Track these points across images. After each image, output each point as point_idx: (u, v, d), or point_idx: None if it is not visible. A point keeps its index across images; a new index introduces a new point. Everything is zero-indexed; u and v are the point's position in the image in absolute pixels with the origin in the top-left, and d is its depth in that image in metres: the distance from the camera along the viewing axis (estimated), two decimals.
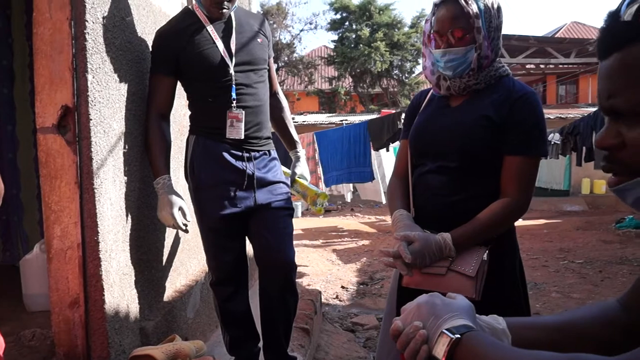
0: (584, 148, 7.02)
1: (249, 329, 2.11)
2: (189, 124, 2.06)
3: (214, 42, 1.93)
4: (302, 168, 2.25)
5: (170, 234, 2.25)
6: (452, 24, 1.46)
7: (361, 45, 19.82)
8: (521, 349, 0.72)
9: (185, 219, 1.92)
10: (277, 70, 21.25)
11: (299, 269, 5.36)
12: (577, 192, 12.48)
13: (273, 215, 2.01)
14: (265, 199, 2.00)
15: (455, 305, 0.83)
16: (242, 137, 1.93)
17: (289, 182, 2.16)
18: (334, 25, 21.22)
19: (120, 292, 1.78)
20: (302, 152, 2.32)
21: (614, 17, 0.68)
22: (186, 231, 1.95)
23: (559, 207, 11.29)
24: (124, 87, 1.88)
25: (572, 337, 0.89)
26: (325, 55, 22.30)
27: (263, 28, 2.11)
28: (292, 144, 2.28)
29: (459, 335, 0.74)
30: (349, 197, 8.19)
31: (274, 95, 2.22)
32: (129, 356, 1.74)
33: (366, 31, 19.89)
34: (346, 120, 13.81)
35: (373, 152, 6.69)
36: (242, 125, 1.93)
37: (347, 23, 21.02)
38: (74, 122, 1.68)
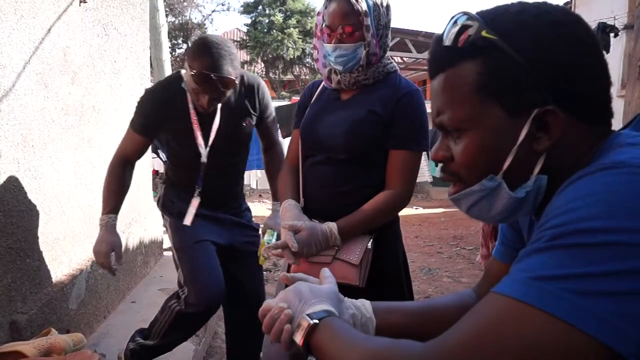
0: None
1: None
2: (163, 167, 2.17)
3: (192, 131, 1.92)
4: (272, 221, 2.04)
5: (50, 220, 2.09)
6: (343, 20, 1.49)
7: (274, 30, 19.65)
8: (364, 335, 0.75)
9: (118, 263, 1.89)
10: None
11: None
12: None
13: (249, 259, 2.09)
14: (240, 241, 2.12)
15: (320, 290, 0.85)
16: (189, 223, 1.98)
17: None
18: (247, 9, 20.82)
19: None
20: (277, 205, 2.17)
21: (437, 41, 0.74)
22: (113, 274, 1.92)
23: None
24: None
25: (432, 321, 0.95)
26: (238, 39, 21.85)
27: (255, 102, 2.05)
28: (275, 197, 2.15)
29: (317, 321, 0.75)
30: (254, 184, 8.15)
31: (268, 149, 2.19)
32: None
33: (279, 17, 19.74)
34: None
35: (280, 139, 6.67)
36: (194, 212, 1.99)
37: (260, 7, 20.72)
38: None
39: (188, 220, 1.95)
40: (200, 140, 1.93)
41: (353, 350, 0.68)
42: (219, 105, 1.92)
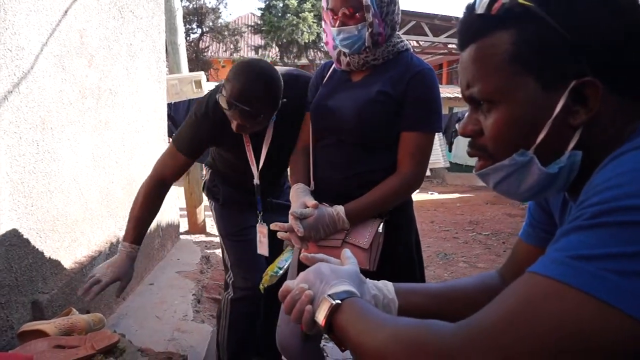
0: None
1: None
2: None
3: (244, 150, 1.84)
4: None
5: (69, 202, 2.11)
6: (343, 2, 1.46)
7: (289, 14, 19.49)
8: (389, 315, 0.73)
9: (117, 295, 1.78)
10: (202, 35, 20.48)
11: (206, 239, 5.28)
12: None
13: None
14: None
15: (341, 271, 0.84)
16: (267, 254, 1.90)
17: None
18: None
19: (6, 264, 1.65)
20: None
21: (469, 10, 0.70)
22: (86, 296, 1.66)
23: (472, 182, 11.87)
24: (10, 41, 1.71)
25: (454, 302, 0.94)
26: (252, 23, 21.73)
27: (301, 106, 1.73)
28: None
29: (339, 301, 0.74)
30: None
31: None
32: (17, 332, 1.62)
33: (294, 1, 19.56)
34: None
35: None
36: (267, 241, 1.90)
37: None
38: None
39: (263, 250, 1.90)
40: (253, 162, 1.85)
41: (378, 330, 0.66)
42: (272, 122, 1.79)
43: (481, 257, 5.14)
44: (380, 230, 1.48)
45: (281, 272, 1.59)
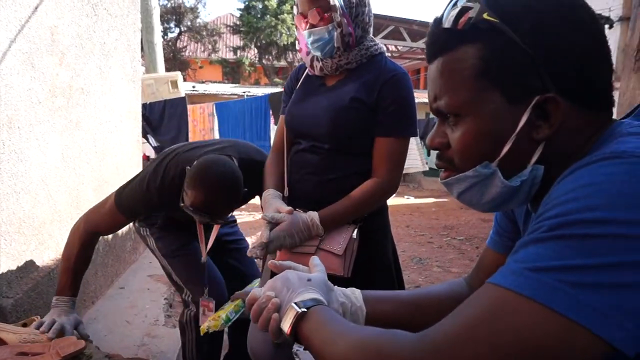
0: None
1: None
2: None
3: (194, 223, 1.76)
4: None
5: (37, 204, 2.06)
6: (311, 4, 1.46)
7: (268, 16, 19.46)
8: (353, 324, 0.73)
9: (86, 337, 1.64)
10: (179, 34, 20.27)
11: None
12: None
13: (237, 248, 2.09)
14: (221, 233, 2.01)
15: (308, 278, 0.84)
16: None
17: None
18: None
19: None
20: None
21: (436, 23, 0.71)
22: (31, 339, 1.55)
23: None
24: None
25: (423, 310, 0.94)
26: (231, 24, 21.62)
27: (258, 188, 1.71)
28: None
29: (305, 309, 0.74)
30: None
31: None
32: None
33: (273, 2, 19.54)
34: (249, 92, 13.55)
35: (272, 126, 6.64)
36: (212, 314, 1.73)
37: None
38: None
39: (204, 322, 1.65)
40: (202, 242, 1.84)
41: (341, 339, 0.66)
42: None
43: (455, 261, 5.20)
44: (355, 236, 1.48)
45: (230, 323, 1.46)
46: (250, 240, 6.15)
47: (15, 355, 1.45)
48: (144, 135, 4.00)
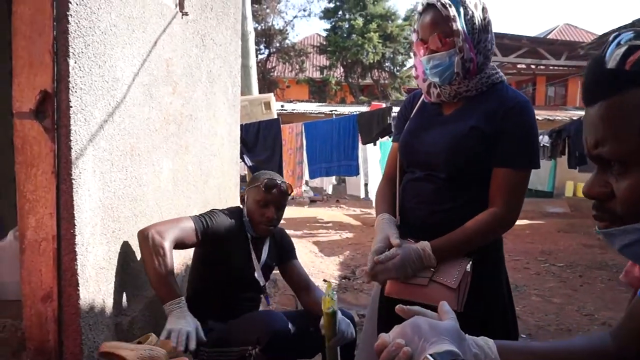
0: (576, 152, 7.08)
1: None
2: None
3: (251, 259, 2.10)
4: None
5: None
6: (432, 30, 1.43)
7: (354, 35, 19.70)
8: None
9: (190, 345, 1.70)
10: (269, 56, 21.03)
11: None
12: (561, 194, 12.60)
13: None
14: None
15: (440, 327, 0.80)
16: None
17: None
18: (327, 14, 21.04)
19: (96, 286, 1.72)
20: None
21: (598, 63, 0.64)
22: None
23: (542, 208, 11.37)
24: (107, 73, 1.80)
25: None
26: (318, 44, 22.11)
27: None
28: None
29: None
30: (330, 189, 8.16)
31: (306, 289, 2.26)
32: (99, 349, 1.67)
33: (360, 21, 19.76)
34: (336, 110, 13.74)
35: (360, 146, 6.65)
36: None
37: (340, 12, 20.86)
38: (53, 109, 1.60)
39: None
40: (258, 268, 2.10)
41: None
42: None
43: (555, 290, 4.86)
44: (469, 270, 1.42)
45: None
46: (337, 259, 6.15)
47: None
48: (240, 156, 4.14)
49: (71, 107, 1.61)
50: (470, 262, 1.44)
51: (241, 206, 2.21)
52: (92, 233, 1.70)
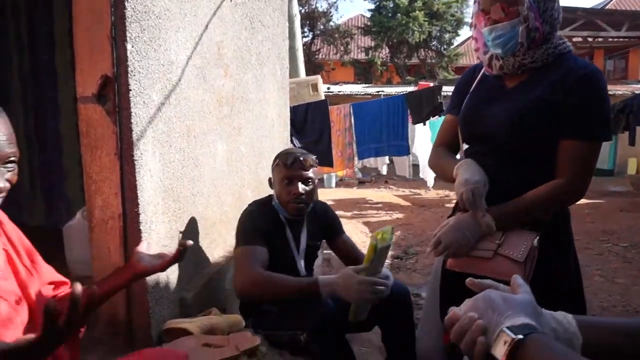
0: (637, 128, 6.71)
1: None
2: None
3: (289, 245, 2.00)
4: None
5: (209, 205, 2.24)
6: None
7: (399, 14, 19.27)
8: (583, 357, 0.65)
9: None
10: (313, 39, 20.94)
11: None
12: (622, 172, 11.99)
13: None
14: None
15: (515, 301, 0.78)
16: None
17: None
18: None
19: None
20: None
21: None
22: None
23: (602, 187, 10.84)
24: (163, 57, 1.84)
25: None
26: (362, 25, 21.80)
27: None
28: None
29: (521, 336, 0.68)
30: (384, 170, 8.09)
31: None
32: (163, 328, 1.74)
33: (404, 0, 19.30)
34: (383, 91, 13.57)
35: (410, 126, 6.53)
36: None
37: None
38: (114, 92, 1.66)
39: None
40: (295, 250, 2.00)
41: None
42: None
43: (620, 271, 4.65)
44: (536, 244, 1.37)
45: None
46: None
47: (201, 346, 1.58)
48: (290, 139, 4.15)
49: (130, 90, 1.66)
50: (537, 237, 1.39)
51: (271, 192, 2.11)
52: (154, 212, 1.76)
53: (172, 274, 1.87)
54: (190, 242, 1.30)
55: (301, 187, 1.93)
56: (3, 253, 1.14)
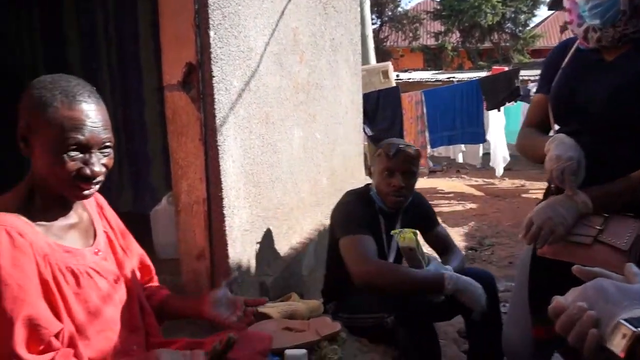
0: None
1: None
2: None
3: (382, 238, 1.93)
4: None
5: (286, 191, 2.26)
6: None
7: None
8: None
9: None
10: (381, 26, 20.67)
11: None
12: None
13: None
14: None
15: (633, 291, 0.70)
16: None
17: None
18: None
19: (242, 247, 1.82)
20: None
21: None
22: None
23: None
24: (242, 43, 1.86)
25: None
26: (431, 9, 21.17)
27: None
28: None
29: None
30: (460, 158, 7.86)
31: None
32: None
33: None
34: (454, 77, 13.14)
35: (485, 112, 6.29)
36: None
37: None
38: (198, 80, 1.69)
39: None
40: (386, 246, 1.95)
41: None
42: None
43: None
44: None
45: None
46: (461, 230, 5.96)
47: (281, 330, 1.59)
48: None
49: (214, 77, 1.69)
50: None
51: (369, 182, 2.07)
52: (236, 197, 1.79)
53: (252, 258, 1.91)
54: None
55: (402, 180, 1.87)
56: (104, 235, 1.20)
